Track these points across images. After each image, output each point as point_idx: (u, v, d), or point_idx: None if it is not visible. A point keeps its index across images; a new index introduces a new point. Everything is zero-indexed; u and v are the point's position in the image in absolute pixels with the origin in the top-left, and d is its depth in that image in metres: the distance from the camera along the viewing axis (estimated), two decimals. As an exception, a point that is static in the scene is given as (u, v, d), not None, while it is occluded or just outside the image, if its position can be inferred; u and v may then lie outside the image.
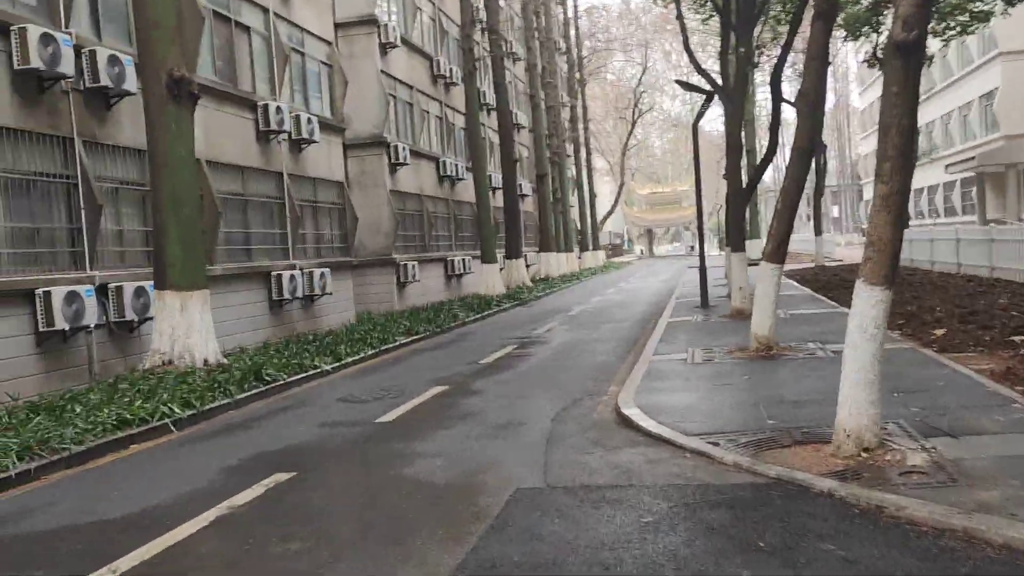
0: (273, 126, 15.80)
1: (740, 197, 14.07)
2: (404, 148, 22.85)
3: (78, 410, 8.06)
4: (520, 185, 36.85)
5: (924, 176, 39.20)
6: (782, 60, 14.05)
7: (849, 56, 65.30)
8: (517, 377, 10.65)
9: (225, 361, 11.44)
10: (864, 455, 5.49)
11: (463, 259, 27.06)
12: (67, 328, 10.33)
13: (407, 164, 23.26)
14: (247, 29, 15.80)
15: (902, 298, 14.77)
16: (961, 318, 11.83)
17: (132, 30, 11.80)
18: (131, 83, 11.49)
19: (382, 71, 22.42)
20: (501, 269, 29.65)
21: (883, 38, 29.84)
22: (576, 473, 5.88)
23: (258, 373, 10.32)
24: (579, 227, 50.85)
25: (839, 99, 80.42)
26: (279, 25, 16.81)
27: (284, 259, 16.57)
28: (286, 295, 15.81)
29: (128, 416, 7.88)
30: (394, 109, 23.78)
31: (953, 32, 27.67)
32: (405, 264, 22.49)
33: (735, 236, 14.05)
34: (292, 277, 16.00)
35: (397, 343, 14.59)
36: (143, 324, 11.72)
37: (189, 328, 11.10)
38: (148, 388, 9.12)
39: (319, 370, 11.52)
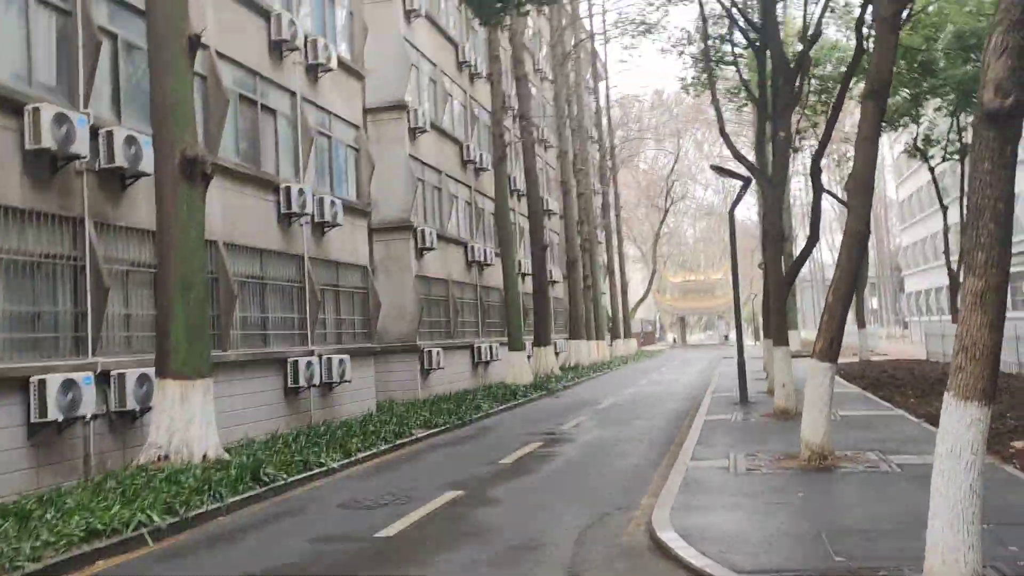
0: (295, 208, 15.41)
1: (781, 288, 13.19)
2: (431, 232, 22.45)
3: (49, 516, 7.23)
4: (550, 271, 36.27)
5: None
6: (822, 148, 13.49)
7: (884, 147, 65.08)
8: (539, 482, 9.64)
9: (226, 456, 10.61)
10: (962, 611, 4.44)
11: (490, 346, 26.26)
12: (61, 419, 9.64)
13: (434, 249, 22.81)
14: (273, 112, 15.64)
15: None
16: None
17: (153, 111, 11.54)
18: (148, 164, 11.11)
19: (411, 155, 22.26)
20: (529, 357, 28.76)
21: (923, 128, 29.39)
22: (603, 622, 4.87)
23: (256, 472, 9.43)
24: (610, 314, 49.97)
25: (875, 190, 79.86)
26: (306, 108, 16.66)
27: (302, 345, 15.91)
28: (302, 383, 15.08)
29: (99, 526, 7.02)
30: (422, 193, 23.51)
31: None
32: (430, 351, 21.75)
33: (777, 329, 13.11)
34: (309, 364, 15.29)
35: (414, 437, 13.64)
36: (145, 414, 11.00)
37: (189, 420, 10.35)
38: (134, 489, 8.29)
39: (325, 468, 10.60)
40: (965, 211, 4.61)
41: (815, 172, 13.67)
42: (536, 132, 32.60)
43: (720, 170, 15.45)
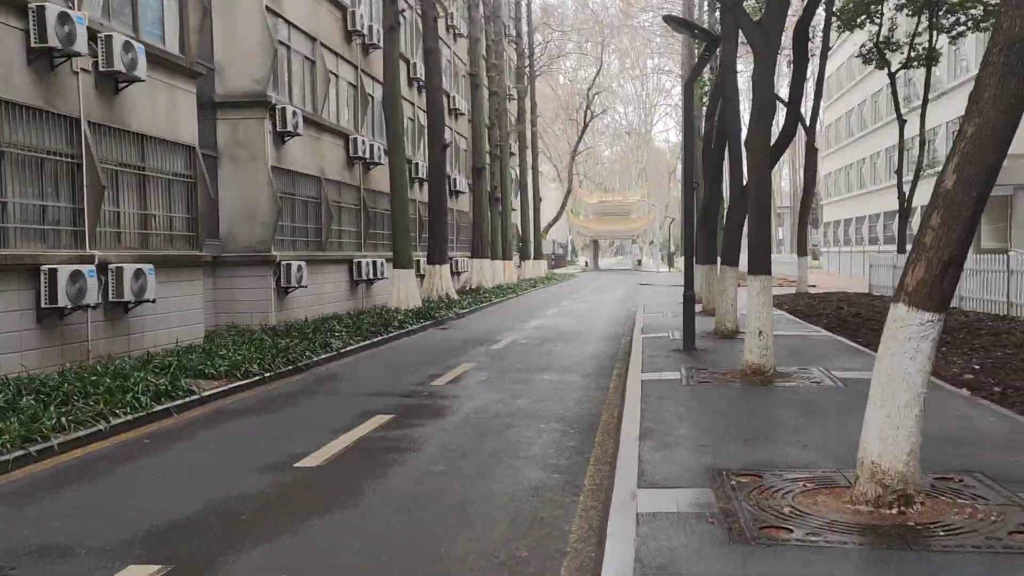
0: (57, 43, 10.19)
1: (765, 186, 8.96)
2: (296, 113, 17.38)
3: None
4: (453, 179, 31.54)
5: (890, 200, 34.83)
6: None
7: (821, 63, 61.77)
8: (355, 525, 5.19)
9: None
10: None
11: (375, 262, 21.61)
12: None
13: (300, 135, 17.82)
14: None
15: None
16: None
17: None
18: None
19: (268, 8, 16.92)
20: (420, 276, 24.30)
21: (885, 30, 25.82)
22: None
23: None
24: (520, 233, 45.75)
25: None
26: (84, -102, 11.18)
27: (75, 248, 10.97)
28: (66, 302, 10.24)
29: None
30: (287, 63, 18.32)
31: (963, 28, 23.86)
32: (289, 264, 17.03)
33: (758, 249, 8.84)
34: (77, 274, 10.40)
35: (196, 397, 8.85)
36: None
37: None
38: None
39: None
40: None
41: (801, 33, 9.56)
42: (441, 8, 27.24)
43: (677, 22, 10.91)
